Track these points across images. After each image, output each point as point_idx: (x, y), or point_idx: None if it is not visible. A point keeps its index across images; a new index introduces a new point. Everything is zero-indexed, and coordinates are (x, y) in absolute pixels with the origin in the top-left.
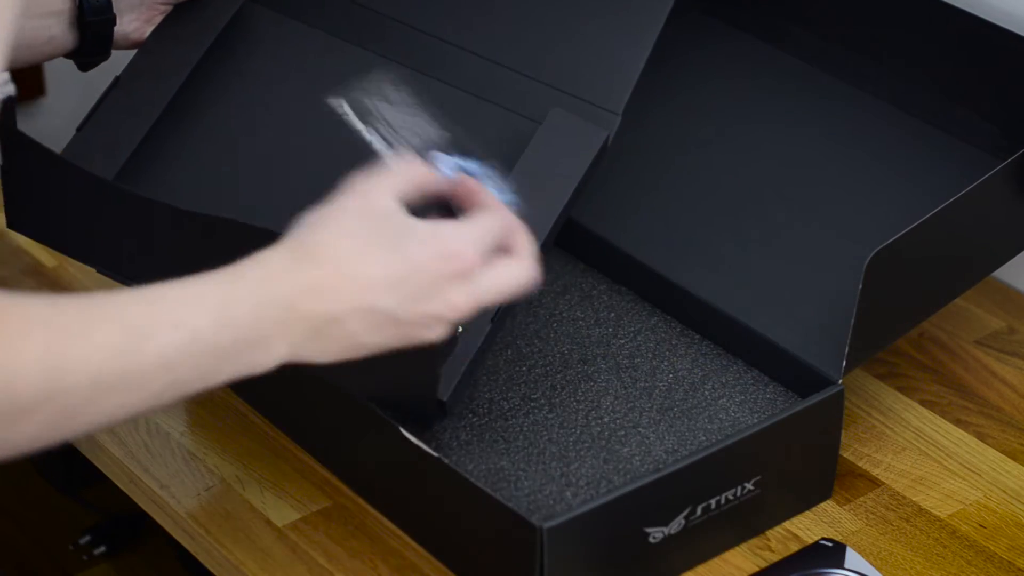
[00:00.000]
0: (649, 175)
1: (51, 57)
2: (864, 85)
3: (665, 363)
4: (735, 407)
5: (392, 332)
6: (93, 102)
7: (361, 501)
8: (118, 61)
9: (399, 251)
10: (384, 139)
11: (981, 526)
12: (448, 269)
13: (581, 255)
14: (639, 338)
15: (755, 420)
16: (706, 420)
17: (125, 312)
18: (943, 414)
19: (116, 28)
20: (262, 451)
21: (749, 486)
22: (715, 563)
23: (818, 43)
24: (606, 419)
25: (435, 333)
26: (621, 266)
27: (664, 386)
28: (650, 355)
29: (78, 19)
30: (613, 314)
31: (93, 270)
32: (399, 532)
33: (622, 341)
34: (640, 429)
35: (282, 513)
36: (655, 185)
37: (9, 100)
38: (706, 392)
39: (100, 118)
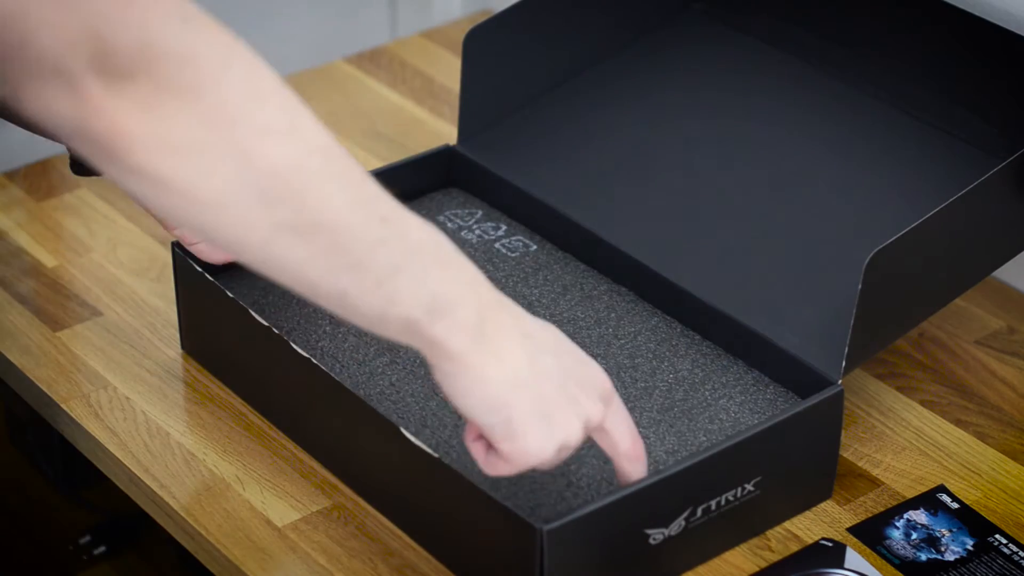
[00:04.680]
0: (649, 175)
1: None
2: (864, 86)
3: (665, 363)
4: (735, 407)
5: (551, 394)
6: None
7: (361, 501)
8: None
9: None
10: None
11: None
12: (597, 383)
13: (581, 255)
14: (639, 338)
15: (755, 420)
16: (706, 420)
17: None
18: (943, 414)
19: None
20: (262, 451)
21: (749, 486)
22: (715, 563)
23: (818, 44)
24: None
25: (573, 425)
26: (621, 266)
27: (664, 386)
28: (650, 355)
29: None
30: (613, 314)
31: (93, 270)
32: (399, 532)
33: (622, 341)
34: (640, 429)
35: (282, 513)
36: (655, 185)
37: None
38: (706, 392)
39: None
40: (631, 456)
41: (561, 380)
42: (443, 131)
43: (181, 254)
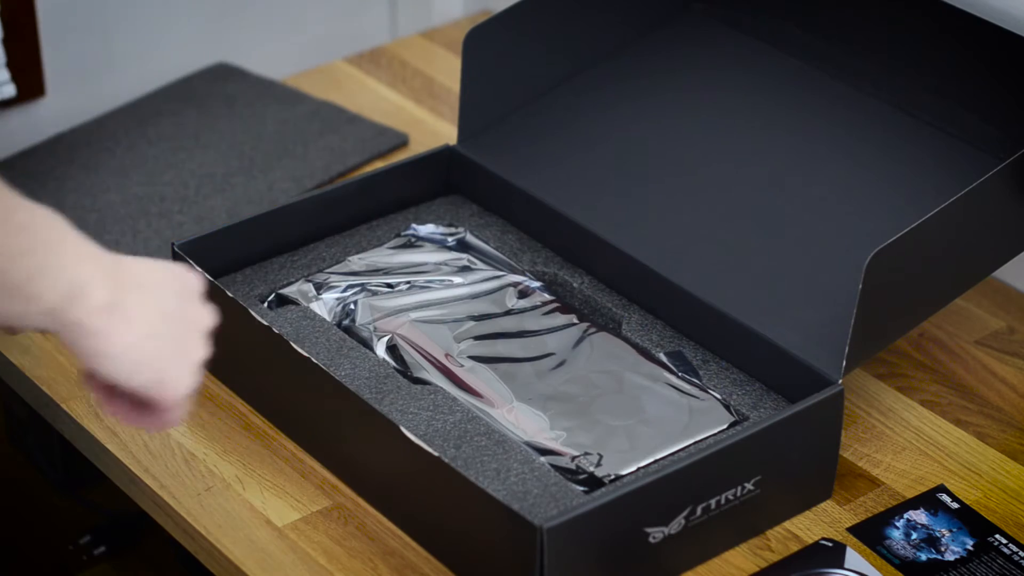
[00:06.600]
0: (649, 176)
1: None
2: (864, 86)
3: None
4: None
5: (177, 329)
6: (93, 102)
7: (361, 501)
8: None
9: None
10: None
11: None
12: (196, 287)
13: (580, 255)
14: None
15: (755, 420)
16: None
17: None
18: (943, 414)
19: None
20: (262, 451)
21: (749, 486)
22: (715, 563)
23: (818, 44)
24: None
25: (200, 345)
26: (621, 266)
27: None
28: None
29: None
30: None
31: None
32: (399, 532)
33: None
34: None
35: (282, 513)
36: (655, 186)
37: None
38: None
39: None
40: None
41: (182, 313)
42: (443, 131)
43: (181, 254)
